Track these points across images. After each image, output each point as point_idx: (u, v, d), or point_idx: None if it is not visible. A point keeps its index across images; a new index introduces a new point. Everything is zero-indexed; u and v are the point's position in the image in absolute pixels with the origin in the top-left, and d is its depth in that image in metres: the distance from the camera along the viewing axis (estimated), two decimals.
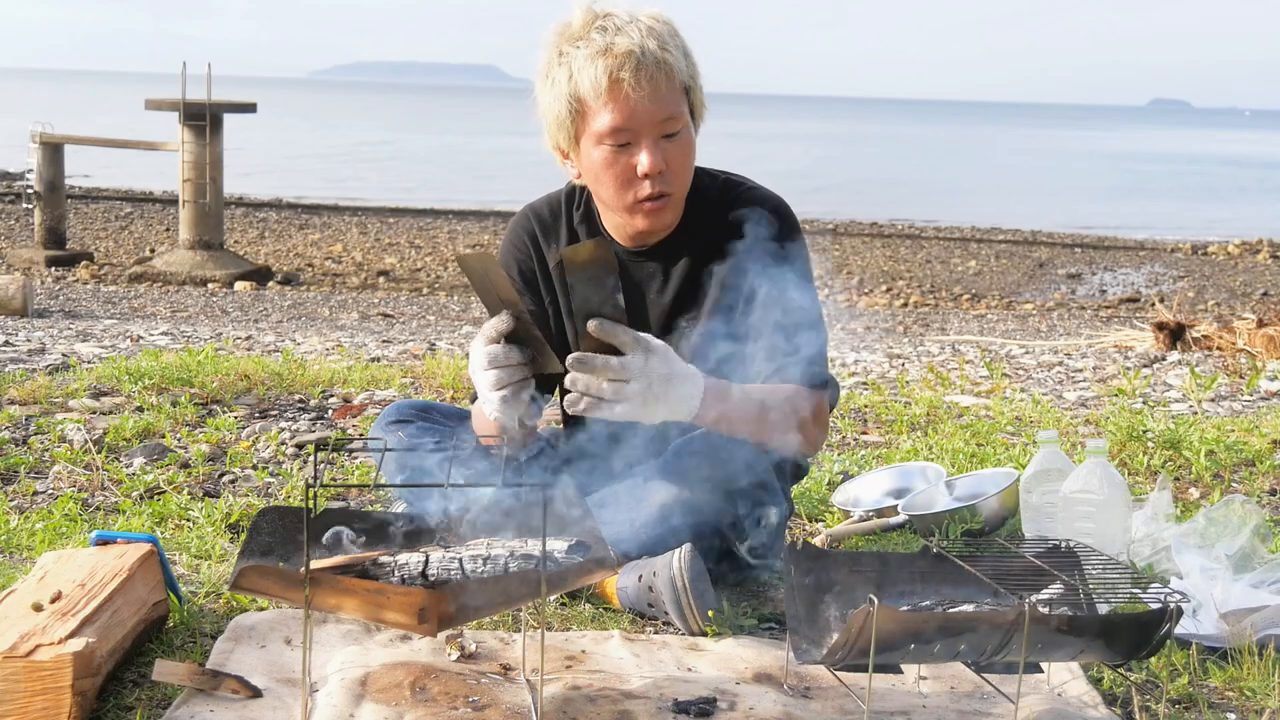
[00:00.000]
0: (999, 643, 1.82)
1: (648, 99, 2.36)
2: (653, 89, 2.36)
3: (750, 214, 2.54)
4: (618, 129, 2.39)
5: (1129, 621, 1.87)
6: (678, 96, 2.41)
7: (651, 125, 2.39)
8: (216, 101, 14.96)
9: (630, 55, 2.34)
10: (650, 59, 2.35)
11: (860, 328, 11.11)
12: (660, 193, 2.43)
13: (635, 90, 2.35)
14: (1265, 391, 5.47)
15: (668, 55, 2.37)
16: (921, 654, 1.84)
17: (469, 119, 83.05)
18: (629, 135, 2.39)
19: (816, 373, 2.48)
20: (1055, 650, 1.86)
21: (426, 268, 16.05)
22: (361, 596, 1.84)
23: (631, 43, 2.35)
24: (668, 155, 2.41)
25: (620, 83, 2.35)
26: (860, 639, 1.79)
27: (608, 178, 2.44)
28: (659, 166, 2.40)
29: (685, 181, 2.48)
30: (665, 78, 2.37)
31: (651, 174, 2.41)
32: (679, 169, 2.44)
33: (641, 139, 2.40)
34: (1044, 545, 2.13)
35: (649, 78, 2.35)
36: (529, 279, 2.61)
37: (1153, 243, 21.59)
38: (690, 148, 2.46)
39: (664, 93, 2.38)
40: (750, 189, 2.58)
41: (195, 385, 4.36)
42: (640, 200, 2.44)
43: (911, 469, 3.40)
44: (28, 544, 2.71)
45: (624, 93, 2.35)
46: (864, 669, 1.83)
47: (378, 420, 2.72)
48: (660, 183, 2.42)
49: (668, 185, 2.44)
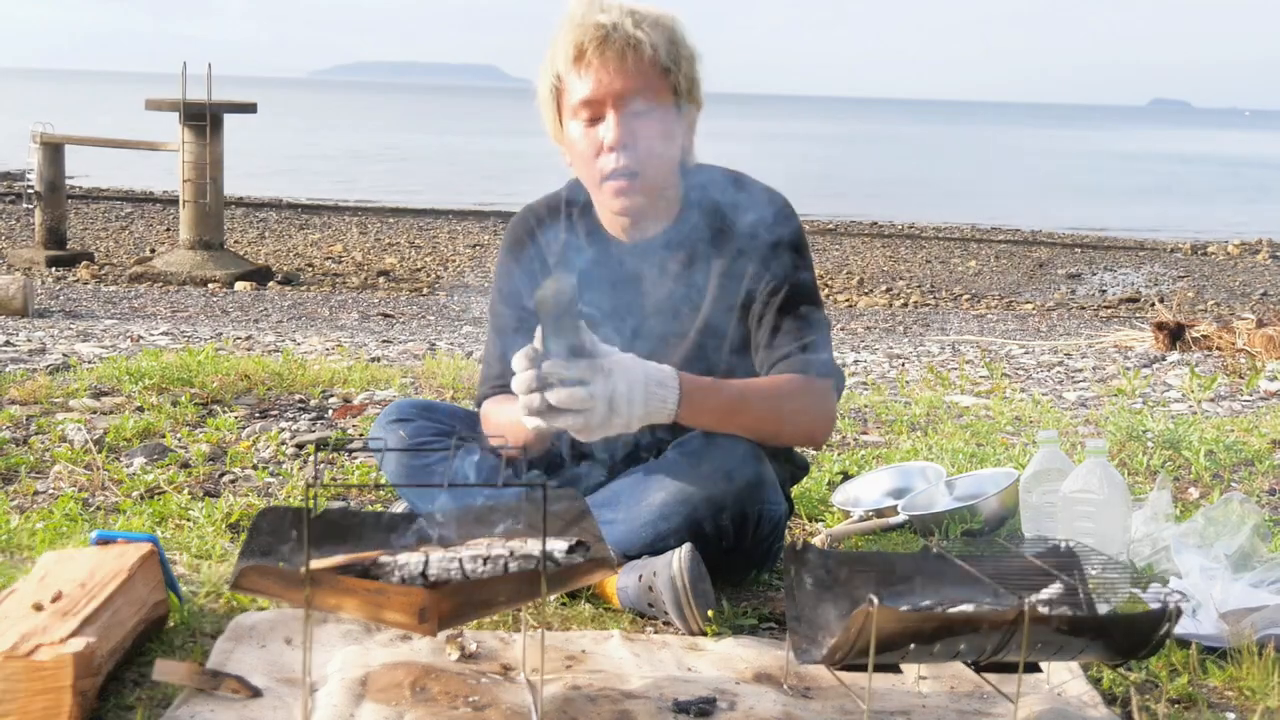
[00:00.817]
0: (999, 643, 1.82)
1: (612, 71, 2.39)
2: (619, 62, 2.39)
3: (750, 208, 2.54)
4: (585, 100, 2.42)
5: (1129, 621, 1.87)
6: (650, 75, 2.41)
7: (616, 98, 2.40)
8: (216, 101, 14.96)
9: (600, 28, 2.38)
10: (620, 34, 2.38)
11: (860, 328, 11.11)
12: (626, 169, 2.42)
13: (598, 59, 2.38)
14: (1265, 391, 5.48)
15: (640, 33, 2.39)
16: (921, 654, 1.84)
17: (469, 119, 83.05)
18: (596, 107, 2.41)
19: (822, 361, 2.49)
20: (1055, 650, 1.86)
21: (426, 268, 16.04)
22: (361, 596, 1.84)
23: (607, 19, 2.39)
24: (636, 132, 2.41)
25: (585, 51, 2.39)
26: (860, 639, 1.79)
27: (580, 153, 2.47)
28: (621, 140, 2.40)
29: (658, 163, 2.46)
30: (634, 53, 2.39)
31: (615, 147, 2.41)
32: (648, 148, 2.43)
33: (606, 111, 2.41)
34: (1044, 545, 2.13)
35: (616, 51, 2.38)
36: (529, 279, 2.61)
37: (1153, 243, 21.58)
38: (665, 129, 2.44)
39: (630, 67, 2.39)
40: (750, 184, 2.59)
41: (195, 385, 4.36)
42: (606, 175, 2.45)
43: (911, 469, 3.40)
44: (28, 544, 2.71)
45: (590, 63, 2.39)
46: (864, 669, 1.83)
47: (378, 419, 2.72)
48: (625, 156, 2.41)
49: (633, 161, 2.42)
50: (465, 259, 16.77)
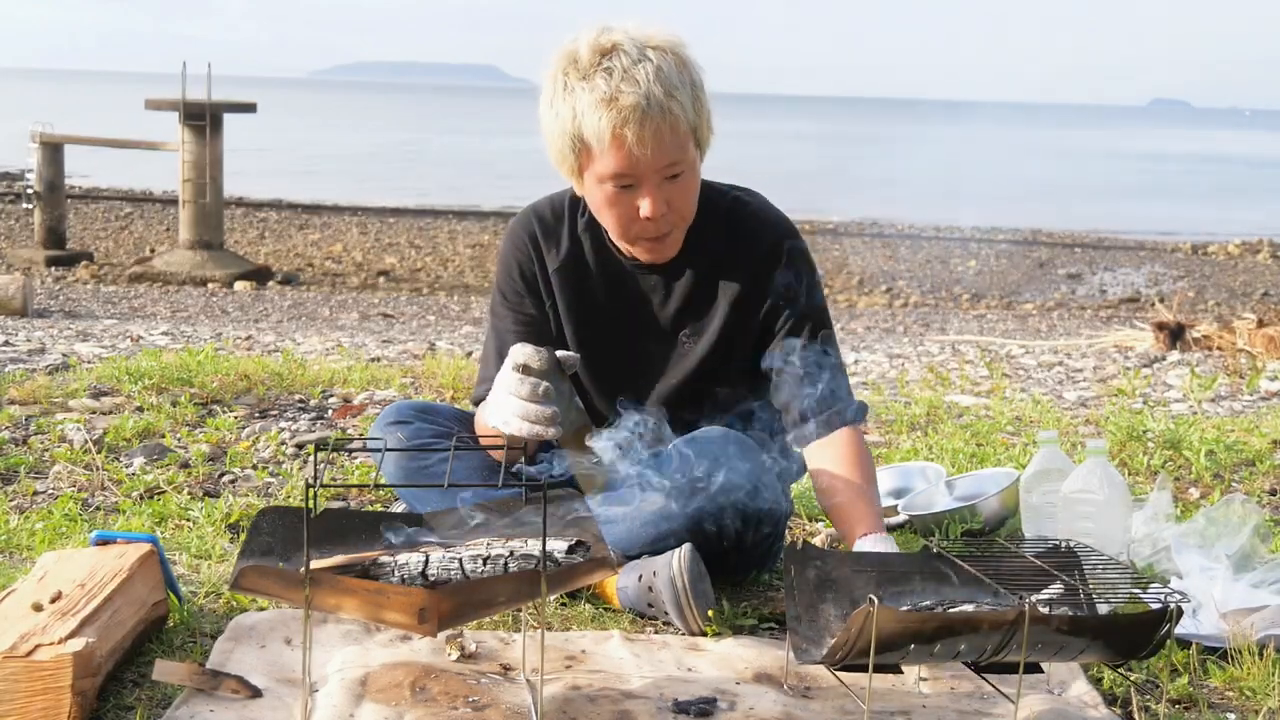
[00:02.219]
0: (999, 643, 1.82)
1: (651, 151, 2.34)
2: (656, 142, 2.33)
3: (756, 231, 2.56)
4: (620, 174, 2.37)
5: (1130, 621, 1.87)
6: (683, 142, 2.38)
7: (655, 173, 2.38)
8: (216, 101, 14.97)
9: (635, 109, 2.29)
10: (656, 110, 2.30)
11: (860, 328, 11.11)
12: (661, 232, 2.45)
13: (639, 145, 2.32)
14: (1265, 391, 5.47)
15: (673, 104, 2.33)
16: (921, 654, 1.84)
17: (469, 119, 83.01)
18: (631, 179, 2.38)
19: (856, 408, 2.56)
20: (1055, 650, 1.86)
21: (426, 268, 16.04)
22: (361, 596, 1.84)
23: (638, 94, 2.30)
24: (670, 196, 2.41)
25: (624, 136, 2.31)
26: (861, 639, 1.79)
27: (610, 214, 2.45)
28: (661, 210, 2.41)
29: (688, 215, 2.49)
30: (670, 129, 2.34)
31: (654, 217, 2.41)
32: (681, 206, 2.45)
33: (644, 184, 2.38)
34: (1044, 545, 2.13)
35: (654, 131, 2.32)
36: (529, 281, 2.61)
37: (1153, 243, 21.57)
38: (693, 184, 2.46)
39: (668, 143, 2.35)
40: (757, 208, 2.60)
41: (195, 385, 4.36)
42: (641, 237, 2.47)
43: (911, 469, 3.40)
44: (28, 544, 2.71)
45: (628, 146, 2.32)
46: (863, 669, 1.83)
47: (378, 420, 2.72)
48: (663, 222, 2.43)
49: (669, 224, 2.45)
50: (465, 259, 16.77)
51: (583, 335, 2.59)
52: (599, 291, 2.58)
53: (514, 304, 2.61)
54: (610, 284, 2.58)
